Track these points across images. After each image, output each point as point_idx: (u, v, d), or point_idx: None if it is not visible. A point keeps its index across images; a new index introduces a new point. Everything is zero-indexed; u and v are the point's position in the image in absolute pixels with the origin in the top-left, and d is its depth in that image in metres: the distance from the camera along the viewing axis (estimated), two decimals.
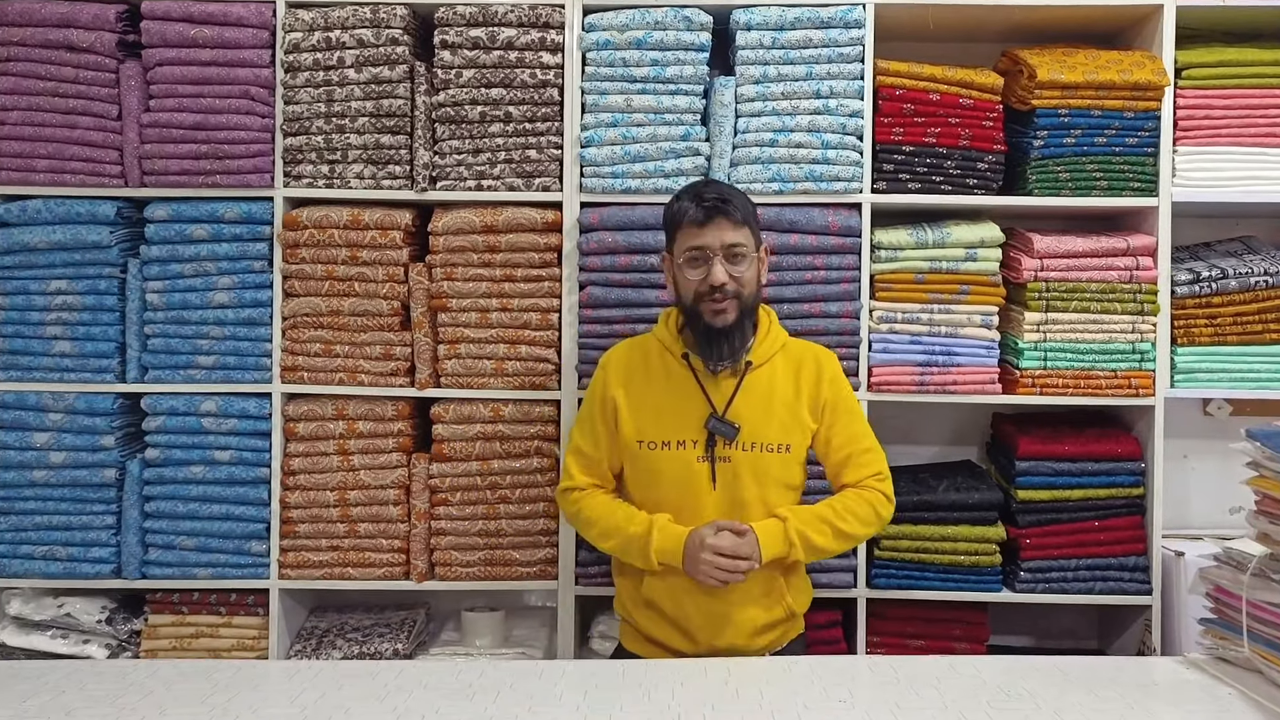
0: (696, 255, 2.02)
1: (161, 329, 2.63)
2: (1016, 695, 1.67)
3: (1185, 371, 2.64)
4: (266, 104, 2.62)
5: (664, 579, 2.05)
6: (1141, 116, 2.57)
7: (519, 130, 2.60)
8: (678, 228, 2.04)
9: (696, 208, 2.01)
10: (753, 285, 2.05)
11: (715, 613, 2.04)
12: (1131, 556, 2.60)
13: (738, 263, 2.02)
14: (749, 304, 2.05)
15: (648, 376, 2.11)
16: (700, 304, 2.02)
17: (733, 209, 2.01)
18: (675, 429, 2.06)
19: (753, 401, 2.06)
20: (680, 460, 2.05)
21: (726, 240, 2.01)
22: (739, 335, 2.05)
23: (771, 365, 2.10)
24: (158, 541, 2.64)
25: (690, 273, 2.03)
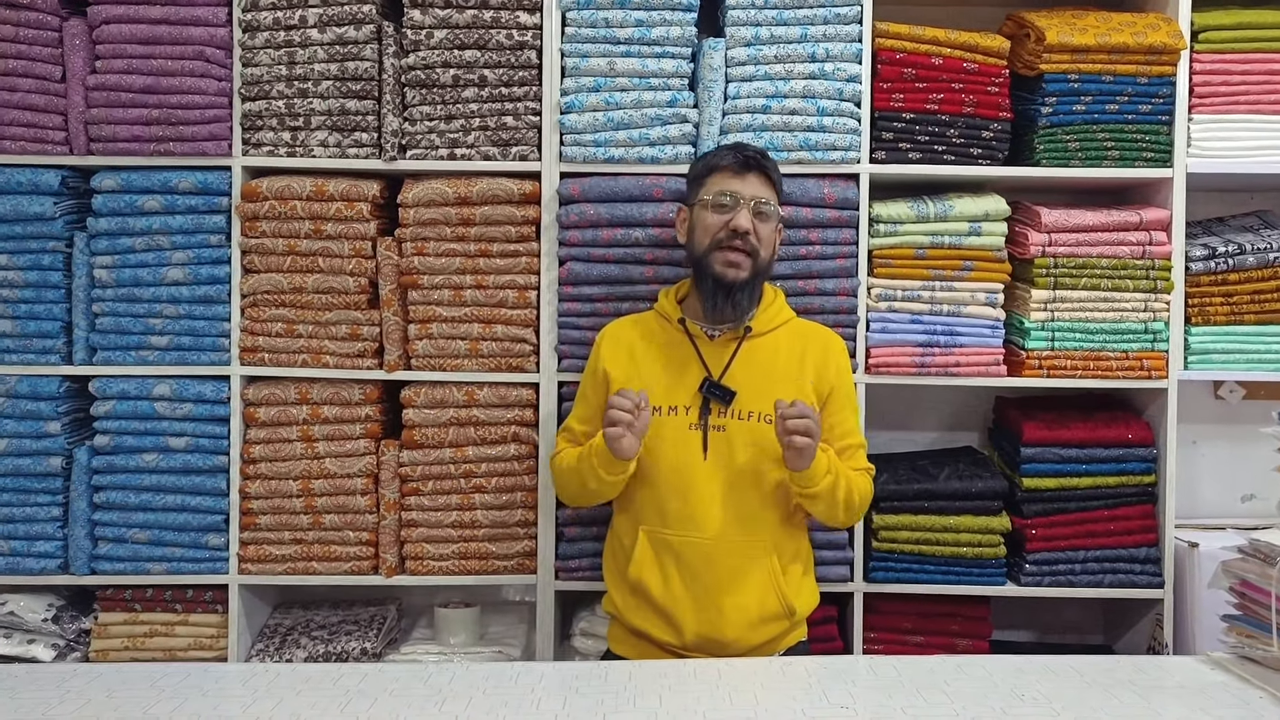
0: (726, 200, 2.05)
1: (111, 307, 2.54)
2: (1031, 699, 1.60)
3: (1199, 352, 2.59)
4: (223, 66, 2.52)
5: (653, 555, 2.02)
6: (1156, 82, 2.52)
7: (494, 95, 2.51)
8: (711, 172, 2.08)
9: (734, 156, 2.07)
10: (769, 250, 2.09)
11: (704, 598, 2.00)
12: (1142, 548, 2.55)
13: (763, 220, 2.06)
14: (762, 268, 2.07)
15: (644, 347, 2.11)
16: (714, 252, 2.03)
17: (770, 169, 2.10)
18: (668, 394, 2.04)
19: (752, 369, 2.04)
20: (672, 427, 2.03)
21: (759, 194, 2.06)
22: (747, 294, 2.05)
23: (774, 337, 2.09)
24: (108, 535, 2.54)
25: (715, 216, 2.05)
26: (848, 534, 2.51)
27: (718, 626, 2.00)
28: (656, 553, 2.03)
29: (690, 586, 2.00)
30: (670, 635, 2.02)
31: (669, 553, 2.01)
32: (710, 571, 1.99)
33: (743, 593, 2.01)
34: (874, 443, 2.65)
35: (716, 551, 2.00)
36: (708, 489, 2.01)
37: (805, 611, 2.11)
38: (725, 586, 2.00)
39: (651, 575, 2.02)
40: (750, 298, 2.06)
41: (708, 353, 2.06)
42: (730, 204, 2.04)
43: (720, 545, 2.00)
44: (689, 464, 2.02)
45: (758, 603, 2.02)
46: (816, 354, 2.10)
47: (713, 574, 1.99)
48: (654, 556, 2.03)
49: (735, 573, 2.00)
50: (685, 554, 2.01)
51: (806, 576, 2.14)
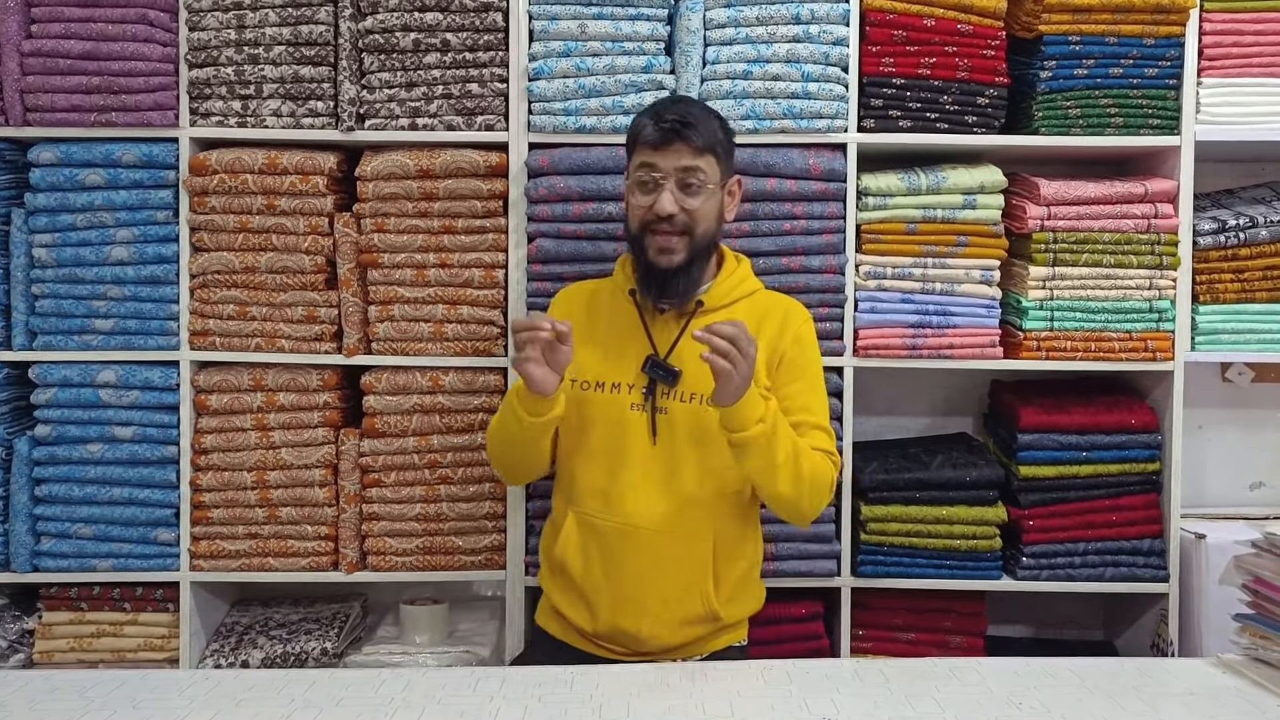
0: (646, 179, 1.92)
1: (51, 289, 2.47)
2: (1029, 707, 1.53)
3: (1208, 332, 2.54)
4: (168, 30, 2.45)
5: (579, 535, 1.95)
6: (1163, 44, 2.46)
7: (458, 61, 2.43)
8: (634, 147, 1.95)
9: (654, 127, 1.90)
10: (710, 222, 1.94)
11: (624, 588, 1.93)
12: (1146, 539, 2.51)
13: (692, 193, 1.91)
14: (702, 244, 1.93)
15: (593, 314, 2.03)
16: (645, 235, 1.92)
17: (694, 133, 1.89)
18: (612, 370, 1.96)
19: (700, 348, 1.90)
20: (613, 405, 1.94)
21: (681, 164, 1.90)
22: (685, 278, 1.93)
23: (730, 312, 1.97)
24: (51, 530, 2.48)
25: (639, 198, 1.93)
26: (834, 526, 2.46)
27: (633, 620, 1.92)
28: (582, 535, 1.95)
29: (610, 574, 1.93)
30: (585, 620, 1.96)
31: (594, 536, 1.94)
32: (635, 562, 1.91)
33: (666, 589, 1.92)
34: (862, 429, 2.65)
35: (644, 541, 1.91)
36: (644, 473, 1.92)
37: (736, 617, 2.01)
38: (648, 579, 1.91)
39: (575, 557, 1.95)
40: (691, 279, 1.94)
41: (656, 328, 1.96)
42: (651, 184, 1.91)
43: (649, 535, 1.91)
44: (626, 446, 1.93)
45: (680, 602, 1.93)
46: (773, 325, 1.98)
47: (637, 564, 1.91)
48: (579, 538, 1.95)
49: (662, 567, 1.91)
50: (610, 540, 1.92)
51: (749, 580, 2.04)
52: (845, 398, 2.45)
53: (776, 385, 1.95)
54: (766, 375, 1.94)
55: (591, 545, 1.94)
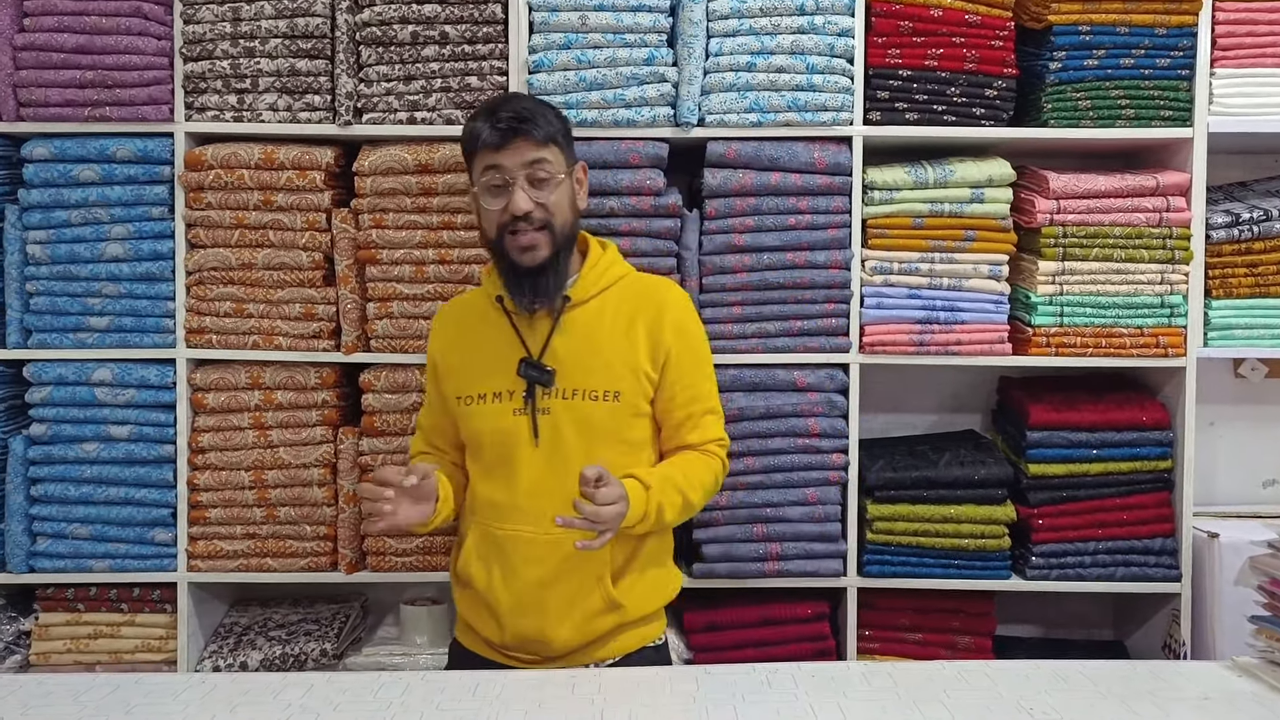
0: (496, 182, 1.89)
1: (46, 286, 2.47)
2: (1040, 712, 1.51)
3: (1220, 328, 2.53)
4: (162, 23, 2.44)
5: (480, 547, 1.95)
6: (1175, 33, 2.45)
7: (457, 54, 2.42)
8: (474, 152, 1.91)
9: (491, 129, 1.87)
10: (567, 212, 1.92)
11: (522, 593, 1.91)
12: (1158, 538, 2.49)
13: (543, 187, 1.89)
14: (564, 236, 1.92)
15: (466, 328, 2.02)
16: (504, 239, 1.89)
17: (533, 127, 1.88)
18: (491, 379, 1.94)
19: (573, 343, 1.93)
20: (498, 414, 1.93)
21: (528, 158, 1.88)
22: (553, 273, 1.91)
23: (600, 301, 1.96)
24: (47, 530, 2.48)
25: (490, 202, 1.90)
26: (840, 526, 2.45)
27: (536, 623, 1.91)
28: (483, 546, 1.95)
29: (509, 582, 1.91)
30: (493, 632, 1.95)
31: (493, 546, 1.93)
32: (531, 566, 1.90)
33: (563, 588, 1.91)
34: (868, 427, 2.63)
35: (539, 544, 1.90)
36: (534, 478, 1.91)
37: (642, 609, 1.98)
38: (546, 581, 1.90)
39: (477, 569, 1.94)
40: (559, 273, 1.92)
41: (526, 330, 1.94)
42: (501, 184, 1.89)
43: (543, 537, 1.89)
44: (513, 451, 1.92)
45: (579, 598, 1.91)
46: (650, 312, 1.95)
47: (534, 569, 1.90)
48: (480, 550, 1.95)
49: (558, 567, 1.90)
50: (507, 548, 1.92)
51: (654, 568, 2.01)
52: (851, 395, 2.44)
53: (667, 382, 1.95)
54: (653, 369, 1.93)
55: (491, 555, 1.93)
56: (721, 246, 2.41)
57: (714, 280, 2.42)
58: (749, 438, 2.41)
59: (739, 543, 2.42)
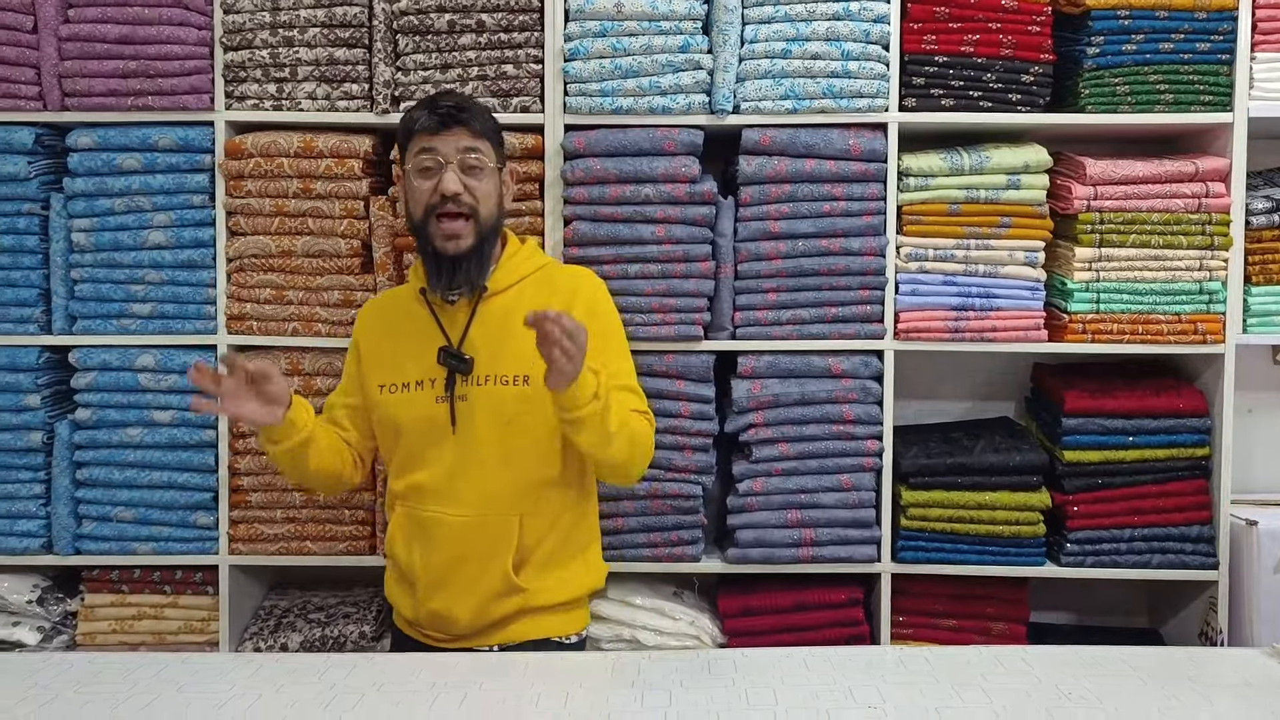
0: (428, 163, 1.94)
1: (90, 273, 2.49)
2: (1079, 698, 1.51)
3: (1260, 314, 2.53)
4: (203, 13, 2.46)
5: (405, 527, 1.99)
6: (1215, 17, 2.43)
7: (493, 42, 2.42)
8: (411, 134, 1.96)
9: (430, 115, 1.94)
10: (492, 204, 1.97)
11: (433, 570, 1.96)
12: (1194, 526, 2.48)
13: (474, 175, 1.94)
14: (487, 227, 1.96)
15: (388, 321, 2.07)
16: (429, 222, 1.94)
17: (471, 118, 1.95)
18: (413, 369, 1.99)
19: (489, 331, 1.97)
20: (419, 402, 1.97)
21: (462, 144, 1.94)
22: (474, 262, 1.96)
23: (518, 290, 2.01)
24: (92, 513, 2.51)
25: (421, 182, 1.94)
26: (875, 512, 2.45)
27: (443, 601, 1.96)
28: (407, 526, 2.00)
29: (426, 561, 1.97)
30: (408, 607, 2.01)
31: (417, 528, 1.98)
32: (444, 546, 1.95)
33: (469, 568, 1.95)
34: (902, 413, 2.63)
35: (453, 525, 1.95)
36: (451, 462, 1.96)
37: (550, 598, 1.99)
38: (456, 562, 1.95)
39: (402, 548, 2.00)
40: (480, 263, 1.97)
41: (447, 320, 1.99)
42: (434, 166, 1.93)
43: (456, 519, 1.94)
44: (436, 438, 1.96)
45: (481, 579, 1.95)
46: (561, 299, 1.98)
47: (446, 548, 1.95)
48: (405, 530, 2.00)
49: (466, 547, 1.94)
50: (430, 530, 1.96)
51: (570, 557, 2.03)
52: (886, 381, 2.44)
53: None
54: None
55: (414, 535, 1.98)
56: (756, 233, 2.41)
57: (749, 267, 2.42)
58: (783, 424, 2.42)
59: (773, 528, 2.43)
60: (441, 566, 1.95)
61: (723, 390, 2.48)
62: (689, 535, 2.47)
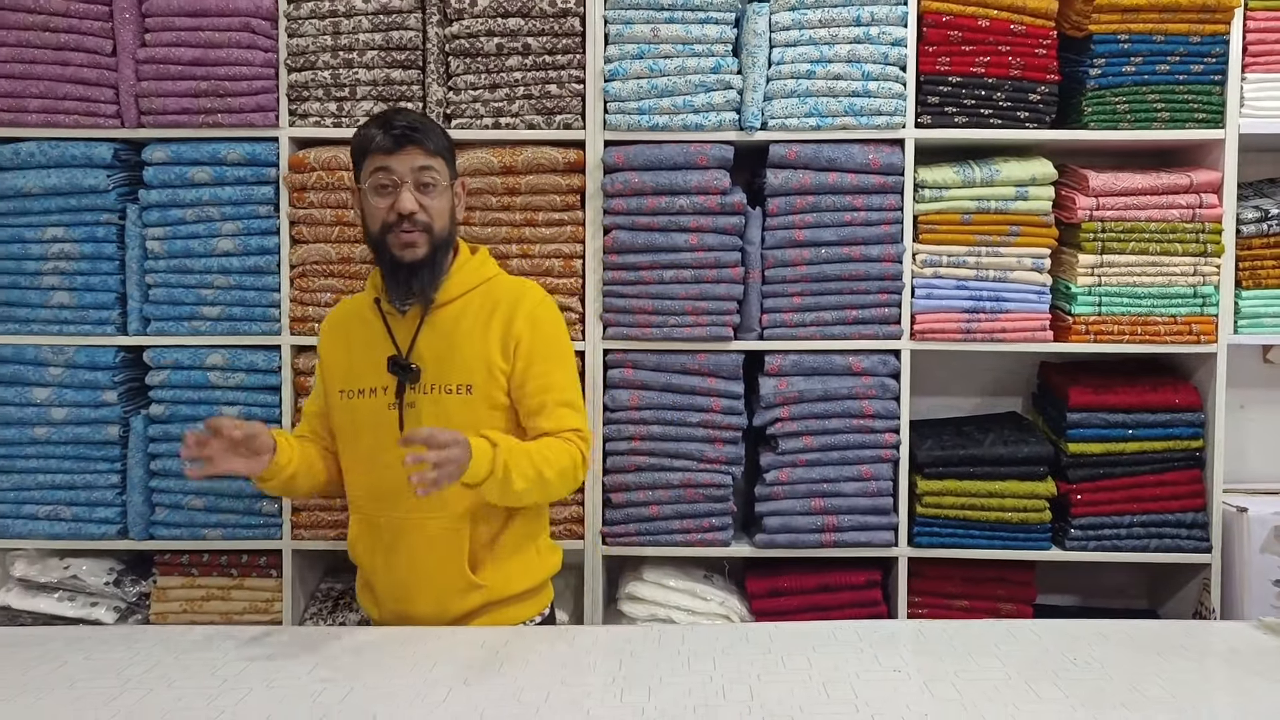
0: (384, 181, 1.93)
1: (163, 278, 2.57)
2: (1084, 664, 1.61)
3: (1250, 316, 2.59)
4: (269, 37, 2.54)
5: (363, 532, 2.00)
6: (1208, 41, 2.50)
7: (538, 63, 2.51)
8: (365, 154, 1.94)
9: (385, 135, 1.92)
10: (445, 219, 1.96)
11: (395, 572, 1.96)
12: (1189, 513, 2.55)
13: (428, 192, 1.93)
14: (442, 239, 1.95)
15: (348, 328, 2.05)
16: (388, 235, 1.93)
17: (424, 137, 1.93)
18: (367, 376, 1.98)
19: (435, 341, 1.96)
20: (373, 408, 1.97)
21: (417, 163, 1.92)
22: (429, 270, 1.95)
23: (464, 301, 1.99)
24: (165, 501, 2.59)
25: (377, 200, 1.93)
26: (892, 500, 2.53)
27: (407, 602, 1.96)
28: (366, 531, 2.00)
29: (388, 563, 1.97)
30: (372, 608, 2.02)
31: (374, 532, 1.98)
32: (403, 549, 1.95)
33: (428, 568, 1.95)
34: (917, 408, 2.68)
35: (409, 529, 1.95)
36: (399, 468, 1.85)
37: (508, 589, 1.98)
38: (415, 563, 1.95)
39: (363, 552, 2.01)
40: (434, 272, 1.96)
41: (397, 329, 1.97)
42: (390, 185, 1.92)
43: (413, 521, 1.94)
44: (386, 444, 1.93)
45: (441, 578, 1.95)
46: (505, 310, 1.97)
47: (405, 551, 1.95)
48: (365, 535, 2.00)
49: (423, 549, 1.94)
50: (385, 531, 1.97)
51: (521, 549, 2.01)
52: (903, 378, 2.52)
53: (519, 369, 1.95)
54: (504, 360, 1.95)
55: (374, 540, 1.98)
56: (782, 241, 2.50)
57: (775, 272, 2.50)
58: (807, 418, 2.50)
59: (798, 515, 2.52)
60: (401, 570, 1.95)
61: (751, 387, 2.56)
62: (719, 522, 2.55)
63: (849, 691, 1.50)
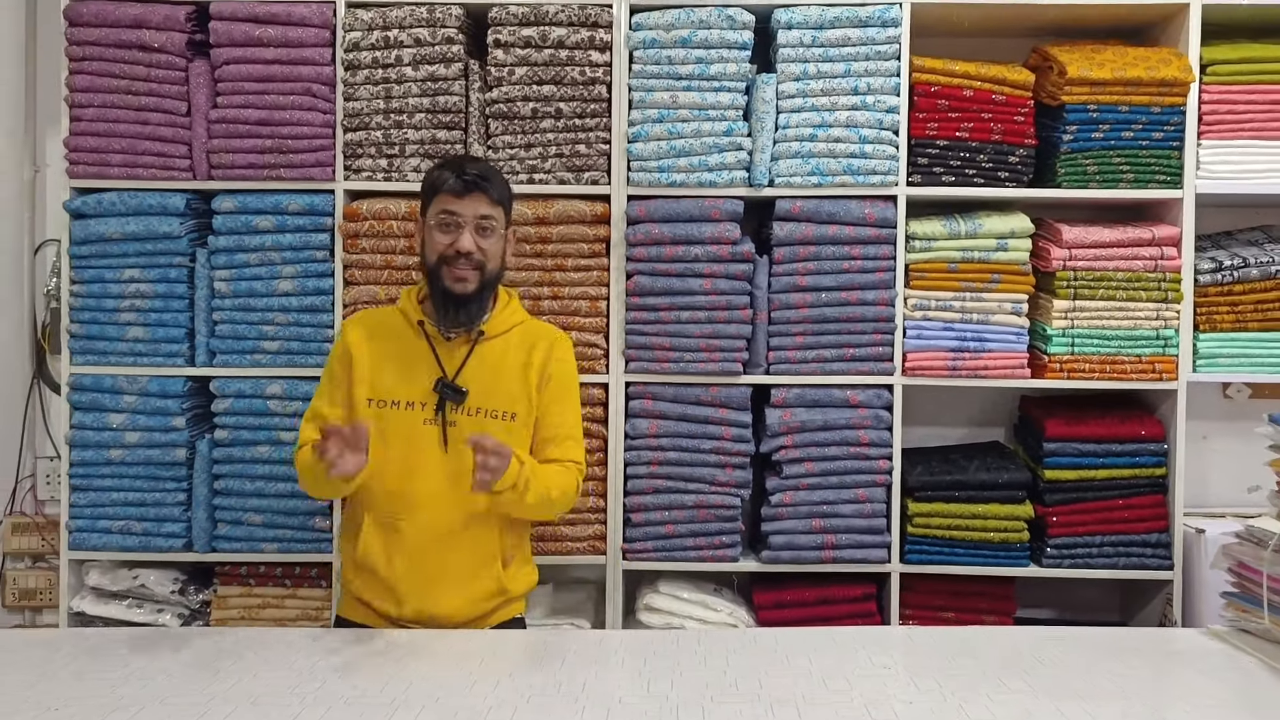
0: (448, 221, 2.05)
1: (229, 315, 2.71)
2: (1049, 662, 1.75)
3: (1207, 356, 2.69)
4: (328, 100, 2.69)
5: (380, 537, 2.07)
6: (1168, 111, 2.62)
7: (569, 126, 2.66)
8: (435, 193, 2.07)
9: (456, 179, 2.04)
10: (497, 260, 2.10)
11: (426, 579, 2.05)
12: (1154, 533, 2.66)
13: (486, 236, 2.06)
14: (491, 278, 2.09)
15: (386, 338, 2.12)
16: (443, 267, 2.05)
17: (490, 187, 2.06)
18: (406, 390, 2.07)
19: (482, 369, 2.08)
20: (408, 421, 2.05)
21: (480, 212, 2.05)
22: (476, 304, 2.08)
23: (506, 339, 2.13)
24: (226, 517, 2.72)
25: (440, 236, 2.06)
26: (886, 520, 2.65)
27: (436, 602, 2.06)
28: (383, 535, 2.06)
29: (415, 567, 2.05)
30: (392, 608, 2.07)
31: (395, 535, 2.05)
32: (435, 554, 2.04)
33: (462, 573, 2.06)
34: (909, 437, 2.78)
35: (443, 537, 2.05)
36: (439, 479, 2.04)
37: (519, 590, 2.17)
38: (448, 566, 2.05)
39: (378, 556, 2.06)
40: (480, 306, 2.08)
41: (443, 353, 2.07)
42: (452, 225, 2.04)
43: (446, 531, 2.05)
44: (421, 455, 2.04)
45: (474, 582, 2.07)
46: (543, 349, 2.12)
47: (437, 557, 2.04)
48: (381, 539, 2.06)
49: (458, 555, 2.05)
50: (410, 537, 2.05)
51: (527, 558, 2.20)
52: (895, 410, 2.64)
53: (542, 402, 2.12)
54: (537, 393, 2.11)
55: (393, 544, 2.05)
56: (787, 286, 2.63)
57: (780, 314, 2.64)
58: (809, 446, 2.62)
59: (800, 534, 2.64)
60: (432, 573, 2.03)
61: (758, 417, 2.68)
62: (729, 540, 2.67)
63: (844, 684, 1.65)
